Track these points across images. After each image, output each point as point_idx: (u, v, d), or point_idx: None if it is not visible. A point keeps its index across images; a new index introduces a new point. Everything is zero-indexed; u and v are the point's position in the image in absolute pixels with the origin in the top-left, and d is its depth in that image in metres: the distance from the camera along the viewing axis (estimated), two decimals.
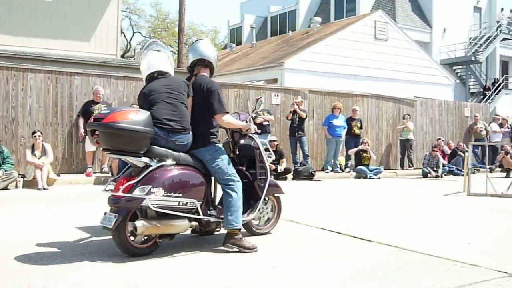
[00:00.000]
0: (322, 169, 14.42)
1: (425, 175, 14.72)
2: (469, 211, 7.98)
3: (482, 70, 31.65)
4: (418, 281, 3.96)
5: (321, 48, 19.91)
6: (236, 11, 75.76)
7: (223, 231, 5.06)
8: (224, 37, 47.55)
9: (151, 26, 47.65)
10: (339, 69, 19.78)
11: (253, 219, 5.37)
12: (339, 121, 14.32)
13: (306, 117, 13.84)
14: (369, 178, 13.74)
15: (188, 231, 5.02)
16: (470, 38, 30.57)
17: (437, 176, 14.56)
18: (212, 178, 4.98)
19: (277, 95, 14.38)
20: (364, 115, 15.65)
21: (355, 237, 5.60)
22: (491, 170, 15.71)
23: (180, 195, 4.48)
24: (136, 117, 4.37)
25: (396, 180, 13.97)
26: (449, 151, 16.56)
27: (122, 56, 38.23)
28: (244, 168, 5.39)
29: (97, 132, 4.31)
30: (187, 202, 4.53)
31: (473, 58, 29.29)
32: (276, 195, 5.67)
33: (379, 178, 13.96)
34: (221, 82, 14.49)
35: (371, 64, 20.73)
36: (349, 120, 14.68)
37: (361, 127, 14.84)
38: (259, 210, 5.36)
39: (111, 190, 4.49)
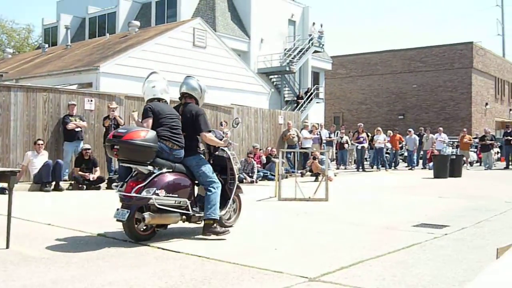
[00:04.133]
0: None
1: (240, 180, 14.98)
2: (278, 216, 8.20)
3: (296, 80, 33.47)
4: None
5: (138, 53, 19.37)
6: (52, 9, 71.89)
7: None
8: (38, 37, 44.56)
9: None
10: None
11: (224, 214, 6.51)
12: None
13: (124, 123, 13.35)
14: None
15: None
16: (285, 49, 32.14)
17: (252, 182, 14.94)
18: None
19: (91, 100, 13.68)
20: None
21: (164, 249, 5.43)
22: (302, 175, 16.57)
23: (176, 195, 5.82)
24: (146, 136, 5.67)
25: None
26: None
27: None
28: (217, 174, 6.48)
29: (116, 147, 5.60)
30: (180, 201, 5.88)
31: (287, 68, 30.77)
32: (239, 194, 6.91)
33: None
34: (29, 85, 13.43)
35: (189, 71, 20.43)
36: None
37: None
38: (229, 207, 6.58)
39: (120, 191, 5.72)
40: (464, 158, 22.58)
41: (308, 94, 32.08)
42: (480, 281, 3.74)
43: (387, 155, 23.33)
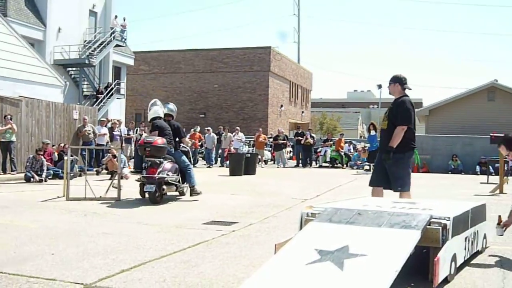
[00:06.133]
0: None
1: (28, 179, 13.87)
2: (63, 218, 7.64)
3: (95, 74, 32.14)
4: None
5: None
6: None
7: None
8: None
9: None
10: None
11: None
12: None
13: None
14: None
15: None
16: (85, 41, 30.70)
17: (41, 180, 13.90)
18: None
19: None
20: None
21: None
22: (98, 173, 15.92)
23: (175, 174, 9.72)
24: (163, 141, 9.54)
25: None
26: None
27: None
28: None
29: (148, 149, 9.34)
30: (177, 178, 9.78)
31: (87, 61, 29.35)
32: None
33: None
34: None
35: None
36: None
37: None
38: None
39: (143, 175, 9.50)
40: (259, 157, 23.65)
41: (109, 89, 30.99)
42: (255, 277, 3.76)
43: None
